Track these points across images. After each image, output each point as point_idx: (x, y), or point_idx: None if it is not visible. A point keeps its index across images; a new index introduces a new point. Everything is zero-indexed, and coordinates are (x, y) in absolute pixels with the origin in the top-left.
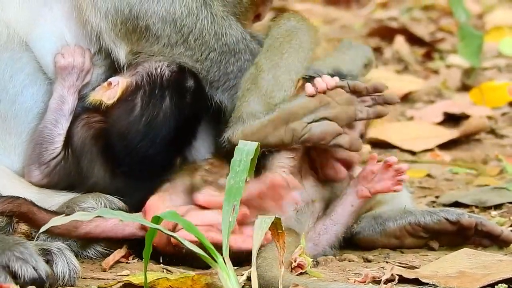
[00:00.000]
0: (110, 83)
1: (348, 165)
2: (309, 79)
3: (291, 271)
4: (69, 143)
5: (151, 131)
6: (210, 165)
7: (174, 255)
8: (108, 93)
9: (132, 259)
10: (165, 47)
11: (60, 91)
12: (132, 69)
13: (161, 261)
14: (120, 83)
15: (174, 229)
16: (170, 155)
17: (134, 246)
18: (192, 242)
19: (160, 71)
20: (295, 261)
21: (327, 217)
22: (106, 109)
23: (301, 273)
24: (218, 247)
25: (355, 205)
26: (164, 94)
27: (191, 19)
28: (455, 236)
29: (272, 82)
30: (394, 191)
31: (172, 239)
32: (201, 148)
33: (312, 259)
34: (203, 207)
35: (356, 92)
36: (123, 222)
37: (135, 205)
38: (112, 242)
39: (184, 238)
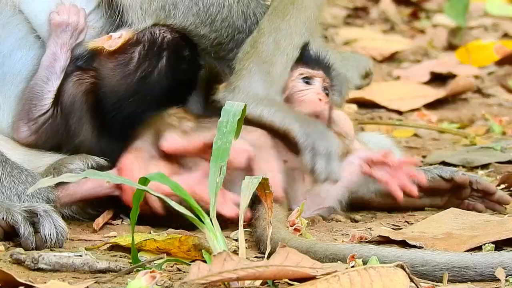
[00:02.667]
0: (110, 36)
1: None
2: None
3: None
4: (58, 101)
5: (144, 87)
6: (174, 113)
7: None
8: (110, 42)
9: (121, 221)
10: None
11: (53, 48)
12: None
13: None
14: (123, 34)
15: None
16: None
17: (122, 207)
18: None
19: (163, 33)
20: (292, 225)
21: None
22: (99, 63)
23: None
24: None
25: (356, 176)
26: (161, 54)
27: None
28: (450, 196)
29: (273, 46)
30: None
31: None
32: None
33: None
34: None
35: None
36: (99, 183)
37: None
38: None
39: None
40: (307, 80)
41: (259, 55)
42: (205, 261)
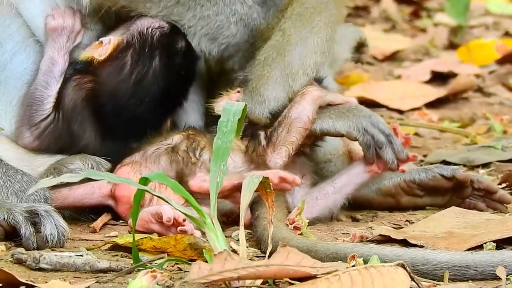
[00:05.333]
0: (101, 42)
1: None
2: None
3: None
4: (59, 105)
5: (140, 89)
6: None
7: None
8: (100, 50)
9: (121, 221)
10: None
11: (51, 52)
12: (124, 28)
13: None
14: (111, 40)
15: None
16: (160, 115)
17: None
18: None
19: (151, 31)
20: (292, 223)
21: (329, 183)
22: (96, 67)
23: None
24: None
25: (361, 178)
26: (153, 54)
27: None
28: (451, 195)
29: (298, 61)
30: (401, 171)
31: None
32: (191, 111)
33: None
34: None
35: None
36: (91, 191)
37: None
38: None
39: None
40: None
41: (285, 66)
42: (204, 260)
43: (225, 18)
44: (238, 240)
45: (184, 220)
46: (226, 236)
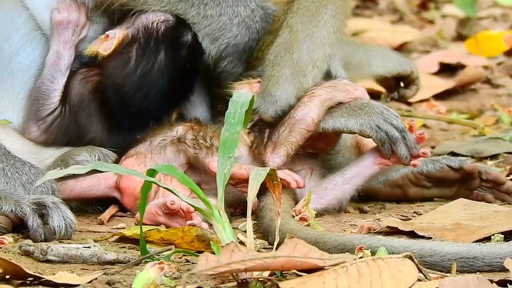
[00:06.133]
0: (107, 36)
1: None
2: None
3: None
4: (66, 99)
5: (146, 83)
6: (192, 128)
7: None
8: (105, 44)
9: (128, 213)
10: None
11: (56, 46)
12: (130, 22)
13: None
14: (116, 35)
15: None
16: (166, 108)
17: None
18: None
19: (156, 25)
20: (298, 214)
21: (338, 174)
22: (102, 61)
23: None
24: None
25: (371, 170)
26: (159, 48)
27: None
28: (459, 186)
29: (306, 56)
30: (413, 165)
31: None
32: (198, 103)
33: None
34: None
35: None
36: (97, 182)
37: None
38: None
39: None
40: None
41: (294, 63)
42: (212, 252)
43: (228, 19)
44: (245, 231)
45: (195, 210)
46: (233, 228)
